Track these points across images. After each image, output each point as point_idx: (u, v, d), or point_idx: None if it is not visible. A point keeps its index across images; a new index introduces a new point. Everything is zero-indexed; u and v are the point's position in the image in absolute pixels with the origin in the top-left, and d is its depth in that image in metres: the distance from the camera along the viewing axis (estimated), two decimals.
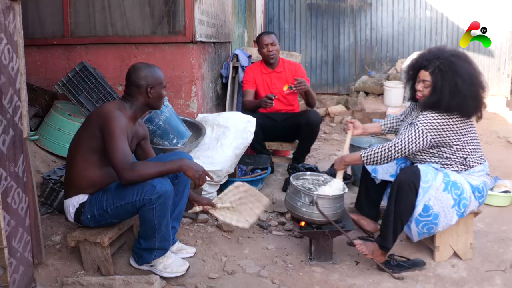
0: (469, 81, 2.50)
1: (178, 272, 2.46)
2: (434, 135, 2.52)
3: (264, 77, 4.05)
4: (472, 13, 7.68)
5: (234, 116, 3.56)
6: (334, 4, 8.22)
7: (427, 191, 2.48)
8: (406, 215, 2.53)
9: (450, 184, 2.52)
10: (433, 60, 2.55)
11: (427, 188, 2.48)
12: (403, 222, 2.55)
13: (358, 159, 2.66)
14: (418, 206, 2.50)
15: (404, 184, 2.49)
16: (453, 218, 2.55)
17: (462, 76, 2.48)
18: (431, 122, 2.51)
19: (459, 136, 2.54)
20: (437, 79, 2.52)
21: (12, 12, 2.06)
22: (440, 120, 2.51)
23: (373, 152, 2.61)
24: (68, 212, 2.40)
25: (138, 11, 3.99)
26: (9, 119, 2.03)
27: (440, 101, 2.49)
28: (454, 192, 2.52)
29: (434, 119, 2.51)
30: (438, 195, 2.50)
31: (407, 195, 2.49)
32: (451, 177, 2.55)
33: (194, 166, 2.31)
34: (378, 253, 2.60)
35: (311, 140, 3.86)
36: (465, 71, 2.50)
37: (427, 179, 2.49)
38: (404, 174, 2.53)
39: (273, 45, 3.95)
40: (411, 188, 2.48)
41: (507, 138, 5.83)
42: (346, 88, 8.30)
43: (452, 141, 2.54)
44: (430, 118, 2.52)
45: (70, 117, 3.46)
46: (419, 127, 2.53)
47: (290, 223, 3.19)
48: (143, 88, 2.42)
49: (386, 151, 2.57)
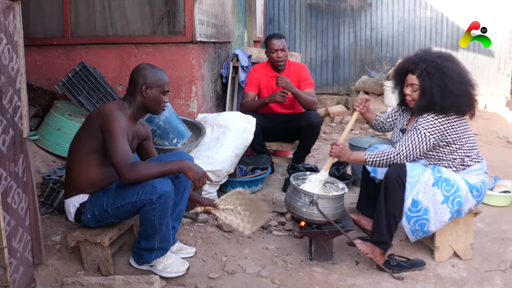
0: (458, 80, 2.53)
1: (178, 272, 2.46)
2: (437, 136, 2.53)
3: (269, 80, 3.97)
4: (472, 13, 7.68)
5: (234, 116, 3.56)
6: (334, 4, 8.22)
7: (414, 186, 2.51)
8: (397, 210, 2.55)
9: (441, 180, 2.54)
10: (419, 63, 2.57)
11: (414, 182, 2.51)
12: (396, 217, 2.56)
13: (363, 160, 2.67)
14: (407, 200, 2.53)
15: (391, 178, 2.53)
16: (445, 215, 2.55)
17: (451, 77, 2.51)
18: (433, 124, 2.52)
19: (459, 134, 2.56)
20: (425, 82, 2.54)
21: (12, 12, 2.06)
22: (441, 120, 2.52)
23: (378, 158, 2.61)
24: (69, 212, 2.40)
25: (138, 11, 3.99)
26: (9, 119, 2.03)
27: (433, 103, 2.52)
28: (444, 189, 2.54)
29: (435, 120, 2.53)
30: (426, 189, 2.53)
31: (395, 189, 2.52)
32: (444, 174, 2.56)
33: (194, 167, 2.31)
34: (378, 252, 2.60)
35: (312, 141, 3.85)
36: (452, 71, 2.53)
37: (413, 174, 2.52)
38: (391, 169, 2.56)
39: (283, 51, 3.85)
40: (398, 183, 2.51)
41: (507, 138, 5.83)
42: (346, 88, 8.30)
43: (453, 140, 2.56)
44: (430, 120, 2.53)
45: (70, 117, 3.46)
46: (421, 131, 2.53)
47: (290, 223, 3.19)
48: (139, 86, 2.40)
49: (391, 158, 2.58)
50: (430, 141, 2.53)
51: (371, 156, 2.63)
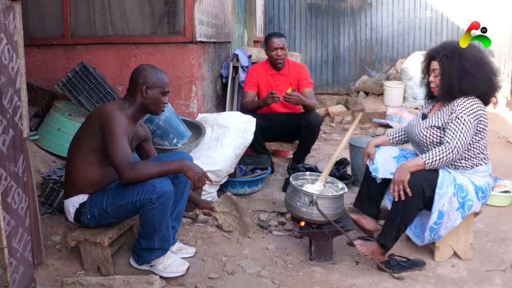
0: (475, 61, 2.55)
1: (178, 272, 2.46)
2: (476, 120, 2.52)
3: (268, 79, 3.99)
4: (472, 13, 7.68)
5: (234, 116, 3.56)
6: (334, 4, 8.22)
7: (442, 197, 2.50)
8: (409, 219, 2.56)
9: (456, 187, 2.54)
10: (441, 50, 2.62)
11: (443, 194, 2.50)
12: (407, 224, 2.57)
13: (422, 165, 2.55)
14: (434, 213, 2.51)
15: (413, 189, 2.48)
16: (457, 220, 2.56)
17: (469, 59, 2.54)
18: (470, 109, 2.51)
19: (484, 125, 2.57)
20: (444, 66, 2.58)
21: (12, 12, 2.06)
22: (475, 105, 2.52)
23: (437, 159, 2.51)
24: (68, 212, 2.40)
25: (138, 11, 3.99)
26: (9, 119, 2.03)
27: (452, 85, 2.54)
28: (459, 196, 2.54)
29: (470, 105, 2.52)
30: (449, 200, 2.53)
31: (414, 200, 2.50)
32: (457, 180, 2.56)
33: (194, 167, 2.31)
34: (378, 253, 2.60)
35: (312, 141, 3.85)
36: (470, 54, 2.56)
37: (442, 185, 2.50)
38: (416, 179, 2.49)
39: (283, 49, 3.87)
40: (419, 194, 2.49)
41: (507, 138, 5.82)
42: (346, 88, 8.30)
43: (480, 129, 2.56)
44: (466, 105, 2.52)
45: (70, 117, 3.46)
46: (463, 118, 2.51)
47: (290, 223, 3.19)
48: (139, 87, 2.41)
49: (450, 155, 2.50)
50: (473, 125, 2.51)
51: (429, 159, 2.52)
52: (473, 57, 2.57)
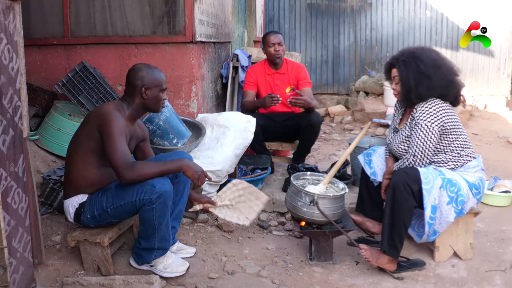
0: (432, 64, 2.58)
1: (178, 272, 2.46)
2: (438, 123, 2.52)
3: (267, 78, 4.00)
4: (472, 13, 7.68)
5: (234, 116, 3.56)
6: (334, 4, 8.22)
7: (431, 192, 2.48)
8: (407, 218, 2.51)
9: (445, 181, 2.52)
10: (399, 57, 2.66)
11: (430, 188, 2.48)
12: (406, 224, 2.52)
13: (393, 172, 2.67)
14: (427, 209, 2.49)
15: (399, 186, 2.48)
16: (450, 215, 2.53)
17: (425, 62, 2.57)
18: (429, 112, 2.53)
19: (454, 122, 2.57)
20: (402, 72, 2.61)
21: (12, 12, 2.06)
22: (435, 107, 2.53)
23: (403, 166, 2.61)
24: (68, 212, 2.40)
25: (138, 11, 3.99)
26: (9, 119, 2.03)
27: (410, 90, 2.57)
28: (449, 190, 2.52)
29: (429, 108, 2.54)
30: (439, 193, 2.51)
31: (403, 197, 2.48)
32: (446, 174, 2.55)
33: (193, 166, 2.31)
34: (385, 260, 2.56)
35: (312, 141, 3.85)
36: (426, 57, 2.59)
37: (427, 180, 2.48)
38: (397, 177, 2.52)
39: (280, 45, 3.89)
40: (406, 190, 2.47)
41: (507, 138, 5.83)
42: (346, 88, 8.30)
43: (450, 128, 2.56)
44: (425, 110, 2.54)
45: (70, 117, 3.46)
46: (422, 124, 2.53)
47: (290, 223, 3.19)
48: (138, 88, 2.40)
49: (412, 163, 2.57)
50: (434, 130, 2.52)
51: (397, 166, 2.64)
52: (429, 60, 2.59)
